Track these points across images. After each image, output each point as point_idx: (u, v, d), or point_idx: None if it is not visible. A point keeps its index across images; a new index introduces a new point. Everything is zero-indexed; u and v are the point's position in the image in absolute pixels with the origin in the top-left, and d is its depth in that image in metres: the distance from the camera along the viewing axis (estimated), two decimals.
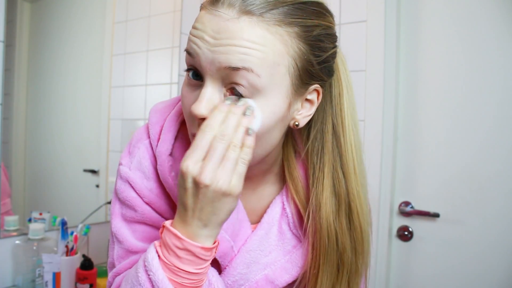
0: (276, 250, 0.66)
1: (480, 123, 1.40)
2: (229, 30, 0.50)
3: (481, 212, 1.39)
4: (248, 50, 0.49)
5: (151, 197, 0.62)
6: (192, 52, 0.52)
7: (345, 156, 0.62)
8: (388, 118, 1.47)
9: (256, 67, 0.50)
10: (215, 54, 0.50)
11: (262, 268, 0.65)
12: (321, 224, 0.62)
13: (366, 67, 1.47)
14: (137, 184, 0.62)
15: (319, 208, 0.62)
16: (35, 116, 1.32)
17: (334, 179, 0.62)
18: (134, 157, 0.64)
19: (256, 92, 0.51)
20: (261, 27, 0.50)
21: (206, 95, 0.51)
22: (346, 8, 1.51)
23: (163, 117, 0.64)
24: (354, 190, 0.62)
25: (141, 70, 1.64)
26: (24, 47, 1.27)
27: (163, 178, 0.61)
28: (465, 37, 1.42)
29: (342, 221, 0.62)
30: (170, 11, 1.67)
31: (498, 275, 1.36)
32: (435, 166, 1.47)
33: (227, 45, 0.49)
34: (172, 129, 0.62)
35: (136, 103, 1.63)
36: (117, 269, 0.63)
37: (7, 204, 1.20)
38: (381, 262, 1.47)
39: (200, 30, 0.51)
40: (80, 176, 1.49)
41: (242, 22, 0.49)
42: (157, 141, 0.62)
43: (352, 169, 0.62)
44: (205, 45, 0.51)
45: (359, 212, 0.63)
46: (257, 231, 0.65)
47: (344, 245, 0.62)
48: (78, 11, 1.45)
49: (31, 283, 1.15)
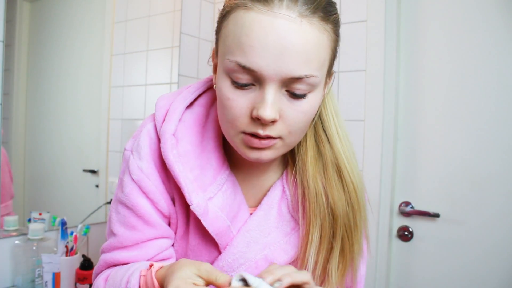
0: (276, 231, 0.68)
1: (480, 123, 1.40)
2: (293, 35, 0.51)
3: (481, 212, 1.39)
4: (310, 56, 0.52)
5: (139, 175, 0.64)
6: (252, 67, 0.52)
7: (326, 120, 0.67)
8: (388, 118, 1.47)
9: (316, 71, 0.54)
10: (281, 63, 0.51)
11: (261, 249, 0.67)
12: (308, 182, 0.65)
13: (366, 67, 1.47)
14: (131, 164, 0.65)
15: (304, 167, 0.66)
16: (35, 116, 1.32)
17: (317, 141, 0.67)
18: (135, 139, 0.67)
19: (312, 89, 0.56)
20: (316, 28, 0.52)
21: (271, 100, 0.54)
22: (346, 8, 1.51)
23: (169, 102, 0.67)
24: (339, 150, 0.66)
25: (141, 70, 1.64)
26: (23, 47, 1.27)
27: (164, 156, 0.63)
28: (465, 37, 1.42)
29: (331, 180, 0.65)
30: (170, 11, 1.67)
31: (498, 275, 1.36)
32: (435, 166, 1.47)
33: (293, 52, 0.51)
34: (178, 112, 0.65)
35: (136, 103, 1.63)
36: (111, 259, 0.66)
37: (8, 206, 1.20)
38: (381, 262, 1.47)
39: (262, 38, 0.51)
40: (80, 176, 1.49)
41: (303, 26, 0.51)
42: (162, 122, 0.65)
43: (335, 131, 0.67)
44: (270, 54, 0.51)
45: (349, 169, 0.66)
46: (256, 212, 0.68)
47: (335, 202, 0.65)
48: (78, 11, 1.45)
49: (30, 283, 1.15)
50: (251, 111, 0.55)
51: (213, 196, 0.64)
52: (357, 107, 1.49)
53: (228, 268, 0.66)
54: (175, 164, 0.62)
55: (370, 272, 1.46)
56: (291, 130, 0.58)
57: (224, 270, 0.66)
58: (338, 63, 1.53)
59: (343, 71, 1.52)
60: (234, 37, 0.54)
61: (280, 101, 0.55)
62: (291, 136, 0.59)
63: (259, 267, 0.66)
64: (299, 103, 0.56)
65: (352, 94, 1.50)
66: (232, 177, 0.67)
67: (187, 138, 0.65)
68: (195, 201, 0.61)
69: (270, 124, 0.56)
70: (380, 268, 1.47)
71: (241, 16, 0.53)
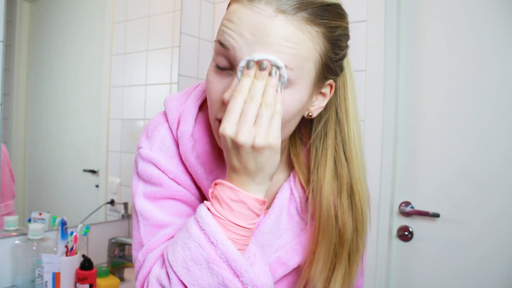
0: (287, 233, 0.69)
1: (480, 123, 1.40)
2: (267, 27, 0.53)
3: (481, 212, 1.39)
4: (283, 48, 0.53)
5: (176, 173, 0.64)
6: (227, 45, 0.55)
7: (348, 141, 0.67)
8: (388, 118, 1.47)
9: (289, 62, 0.54)
10: (252, 51, 0.53)
11: (274, 251, 0.68)
12: (321, 204, 0.65)
13: (366, 67, 1.47)
14: (161, 162, 0.64)
15: (320, 188, 0.65)
16: (35, 116, 1.32)
17: (337, 162, 0.67)
18: (155, 139, 0.66)
19: (288, 83, 0.55)
20: (294, 25, 0.54)
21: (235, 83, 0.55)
22: (346, 8, 1.50)
23: (180, 102, 0.68)
24: (356, 174, 0.66)
25: (141, 70, 1.64)
26: (23, 47, 1.27)
27: (185, 159, 0.63)
28: (465, 37, 1.42)
29: (344, 202, 0.66)
30: (170, 11, 1.67)
31: (498, 275, 1.36)
32: (435, 166, 1.47)
33: (265, 42, 0.53)
34: (192, 112, 0.65)
35: (136, 103, 1.63)
36: (148, 246, 0.62)
37: (9, 205, 1.20)
38: (381, 262, 1.47)
39: (237, 25, 0.54)
40: (80, 176, 1.49)
41: (278, 20, 0.53)
42: (177, 124, 0.65)
43: (355, 154, 0.66)
44: (243, 40, 0.54)
45: (361, 194, 0.67)
46: (269, 215, 0.68)
47: (344, 224, 0.65)
48: (78, 11, 1.45)
49: (30, 283, 1.15)
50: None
51: None
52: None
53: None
54: (196, 166, 0.63)
55: (370, 272, 1.46)
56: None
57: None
58: None
59: None
60: (221, 24, 0.58)
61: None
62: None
63: (273, 270, 0.67)
64: None
65: None
66: None
67: (205, 138, 0.65)
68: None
69: None
70: (380, 268, 1.47)
71: (230, 7, 0.58)
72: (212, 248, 0.53)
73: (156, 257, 0.60)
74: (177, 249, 0.55)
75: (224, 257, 0.52)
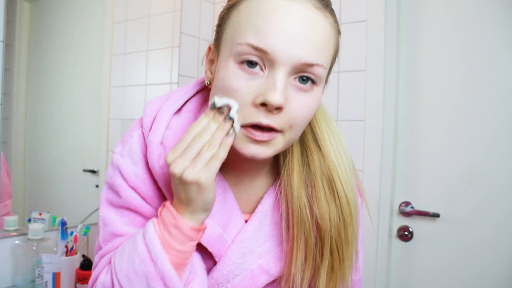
0: (270, 240, 0.67)
1: (480, 123, 1.40)
2: (310, 22, 0.53)
3: (481, 212, 1.39)
4: (323, 45, 0.54)
5: (136, 181, 0.63)
6: (265, 48, 0.53)
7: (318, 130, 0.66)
8: (388, 118, 1.47)
9: (325, 61, 0.55)
10: (296, 48, 0.53)
11: (257, 258, 0.66)
12: (293, 196, 0.64)
13: (366, 67, 1.47)
14: (125, 169, 0.64)
15: (290, 180, 0.64)
16: (35, 116, 1.32)
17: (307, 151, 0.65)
18: (127, 144, 0.65)
19: (319, 81, 0.56)
20: (327, 22, 0.55)
21: (281, 85, 0.53)
22: (346, 8, 1.51)
23: (156, 108, 0.66)
24: (333, 160, 0.64)
25: (141, 70, 1.64)
26: (23, 47, 1.27)
27: (151, 166, 0.62)
28: (465, 37, 1.42)
29: (319, 192, 0.63)
30: (170, 11, 1.66)
31: (498, 275, 1.36)
32: (435, 166, 1.47)
33: (311, 40, 0.53)
34: (165, 120, 0.64)
35: (136, 103, 1.63)
36: (103, 251, 0.65)
37: (7, 205, 1.20)
38: (381, 262, 1.47)
39: (281, 19, 0.52)
40: (80, 176, 1.49)
41: (318, 16, 0.53)
42: (149, 130, 0.64)
43: (328, 141, 0.65)
44: (287, 36, 0.52)
45: (343, 181, 0.64)
46: (251, 221, 0.66)
47: (322, 215, 0.63)
48: (78, 11, 1.45)
49: (30, 283, 1.15)
50: (254, 99, 0.54)
51: None
52: (357, 107, 1.49)
53: (223, 279, 0.65)
54: (161, 176, 0.62)
55: (370, 272, 1.46)
56: (293, 123, 0.57)
57: (219, 281, 0.65)
58: (338, 63, 1.53)
59: (343, 71, 1.52)
60: (247, 22, 0.54)
61: (287, 89, 0.55)
62: (292, 131, 0.58)
63: (255, 277, 0.65)
64: (305, 95, 0.56)
65: (352, 94, 1.50)
66: (222, 182, 0.66)
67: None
68: None
69: (275, 112, 0.54)
70: (380, 268, 1.47)
71: (256, 3, 0.55)
72: (152, 266, 0.55)
73: (106, 263, 0.62)
74: (123, 259, 0.57)
75: (161, 275, 0.55)
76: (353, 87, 1.50)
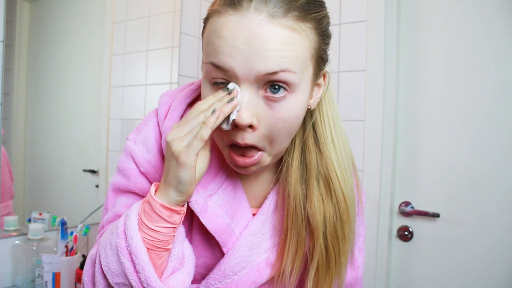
0: (276, 234, 0.68)
1: (480, 123, 1.40)
2: (262, 35, 0.51)
3: (481, 212, 1.39)
4: (282, 52, 0.52)
5: (148, 168, 0.66)
6: (224, 66, 0.53)
7: (320, 127, 0.65)
8: (388, 118, 1.47)
9: (291, 65, 0.53)
10: (251, 62, 0.52)
11: (263, 252, 0.67)
12: (289, 192, 0.65)
13: (366, 67, 1.47)
14: (138, 155, 0.66)
15: (288, 178, 0.65)
16: (35, 116, 1.32)
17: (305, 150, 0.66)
18: (141, 133, 0.68)
19: (293, 87, 0.55)
20: (287, 28, 0.52)
21: (246, 102, 0.54)
22: (346, 8, 1.51)
23: (171, 99, 0.68)
24: (332, 159, 0.65)
25: (141, 70, 1.64)
26: (23, 47, 1.27)
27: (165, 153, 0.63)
28: (464, 37, 1.42)
29: (313, 190, 0.64)
30: (170, 11, 1.66)
31: (498, 275, 1.36)
32: (435, 166, 1.47)
33: (263, 51, 0.51)
34: (179, 109, 0.66)
35: (136, 103, 1.63)
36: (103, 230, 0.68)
37: (8, 206, 1.20)
38: (381, 262, 1.47)
39: (230, 40, 0.52)
40: (80, 176, 1.49)
41: (272, 26, 0.52)
42: (164, 118, 0.66)
43: (330, 139, 0.65)
44: (239, 54, 0.52)
45: (340, 180, 0.65)
46: (258, 215, 0.68)
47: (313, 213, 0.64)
48: (78, 11, 1.45)
49: (30, 283, 1.15)
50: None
51: (213, 193, 0.65)
52: (357, 107, 1.49)
53: (230, 271, 0.66)
54: None
55: (370, 272, 1.46)
56: (272, 138, 0.57)
57: (226, 273, 0.66)
58: (338, 63, 1.53)
59: (343, 71, 1.52)
60: (208, 42, 0.56)
61: (257, 105, 0.55)
62: (274, 146, 0.58)
63: (260, 271, 0.66)
64: (277, 106, 0.55)
65: (352, 94, 1.50)
66: (233, 175, 0.67)
67: None
68: (193, 198, 0.62)
69: (248, 131, 0.55)
70: (380, 268, 1.47)
71: (214, 21, 0.55)
72: (123, 239, 0.56)
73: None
74: (108, 232, 0.60)
75: (129, 249, 0.55)
76: (353, 87, 1.50)
